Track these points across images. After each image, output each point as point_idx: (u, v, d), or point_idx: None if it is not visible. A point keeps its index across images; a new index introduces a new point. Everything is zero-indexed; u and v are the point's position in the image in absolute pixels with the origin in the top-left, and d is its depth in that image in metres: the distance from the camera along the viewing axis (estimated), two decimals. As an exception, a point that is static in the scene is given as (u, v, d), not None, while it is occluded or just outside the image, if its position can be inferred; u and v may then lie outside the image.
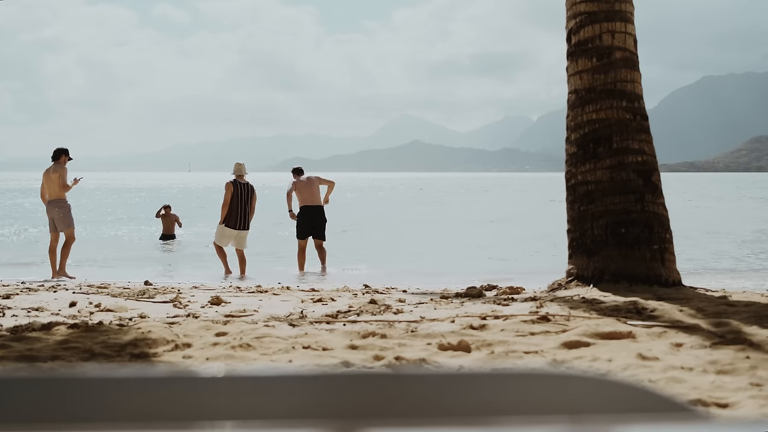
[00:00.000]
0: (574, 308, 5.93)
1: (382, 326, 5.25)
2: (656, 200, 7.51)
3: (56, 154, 11.48)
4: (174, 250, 16.95)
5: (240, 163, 12.02)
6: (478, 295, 7.46)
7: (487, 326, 5.19)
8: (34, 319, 6.00)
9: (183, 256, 15.70)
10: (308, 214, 12.24)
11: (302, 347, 4.54)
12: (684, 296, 6.61)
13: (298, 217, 12.30)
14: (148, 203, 37.29)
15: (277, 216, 20.76)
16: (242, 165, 11.96)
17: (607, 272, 7.27)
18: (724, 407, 3.25)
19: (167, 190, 66.09)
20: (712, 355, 4.18)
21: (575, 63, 7.81)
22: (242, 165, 11.96)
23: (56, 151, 11.51)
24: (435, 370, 0.71)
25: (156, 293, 8.10)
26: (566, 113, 7.95)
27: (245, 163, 12.19)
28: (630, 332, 4.83)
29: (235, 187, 11.71)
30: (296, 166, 12.76)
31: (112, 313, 6.50)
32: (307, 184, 12.35)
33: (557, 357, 4.30)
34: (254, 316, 6.08)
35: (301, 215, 12.28)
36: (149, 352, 4.49)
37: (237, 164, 11.98)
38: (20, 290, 8.39)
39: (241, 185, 11.76)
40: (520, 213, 30.66)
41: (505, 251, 15.60)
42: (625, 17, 7.73)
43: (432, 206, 41.18)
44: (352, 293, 7.95)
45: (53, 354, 4.40)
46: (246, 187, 11.77)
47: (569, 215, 7.79)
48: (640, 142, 7.59)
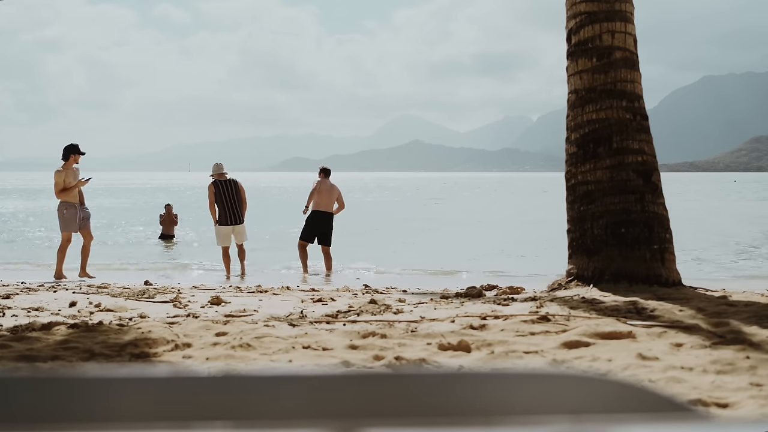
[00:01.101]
0: (574, 308, 5.93)
1: (382, 326, 5.25)
2: (656, 200, 7.51)
3: (64, 154, 11.07)
4: (173, 250, 16.94)
5: (217, 163, 12.08)
6: (478, 295, 7.46)
7: (487, 326, 5.19)
8: (34, 319, 6.00)
9: (182, 256, 15.70)
10: (318, 220, 12.29)
11: (302, 347, 4.54)
12: (684, 296, 6.61)
13: (309, 219, 12.33)
14: (152, 206, 37.20)
15: (283, 217, 20.86)
16: (219, 164, 12.03)
17: (607, 272, 7.27)
18: (724, 407, 3.25)
19: (171, 190, 65.98)
20: (712, 355, 4.18)
21: (575, 63, 7.81)
22: (219, 164, 12.03)
23: (64, 149, 11.09)
24: (435, 370, 0.71)
25: (156, 293, 8.10)
26: (566, 113, 7.95)
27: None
28: (630, 332, 4.83)
29: (217, 187, 11.79)
30: (324, 167, 12.80)
31: (112, 313, 6.50)
32: (328, 192, 12.39)
33: (557, 357, 4.30)
34: (254, 316, 6.09)
35: (312, 218, 12.32)
36: (149, 352, 4.50)
37: (214, 164, 12.06)
38: (20, 290, 8.39)
39: (223, 183, 11.82)
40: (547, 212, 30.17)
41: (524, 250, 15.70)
42: (625, 17, 7.73)
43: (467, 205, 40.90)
44: (352, 293, 7.96)
45: (53, 354, 4.40)
46: (228, 184, 11.82)
47: (569, 215, 7.79)
48: (640, 142, 7.59)
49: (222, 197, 11.73)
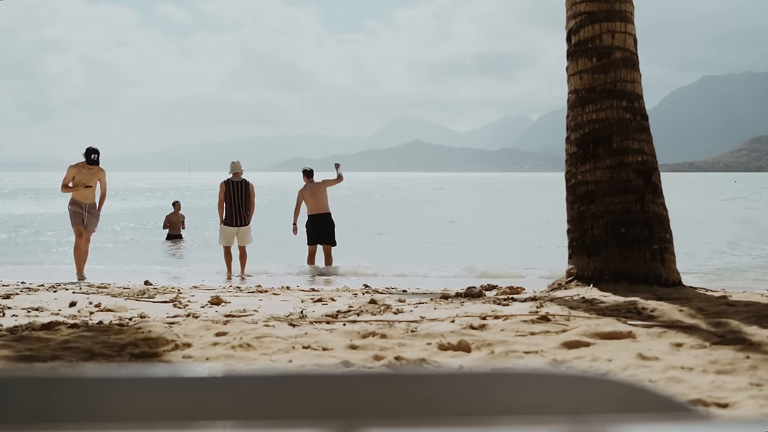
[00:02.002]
0: (574, 308, 5.93)
1: (382, 326, 5.25)
2: (656, 200, 7.52)
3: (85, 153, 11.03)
4: (180, 250, 16.95)
5: (234, 161, 11.95)
6: (478, 295, 7.46)
7: (487, 326, 5.19)
8: (34, 319, 6.00)
9: (188, 256, 15.75)
10: (316, 223, 12.45)
11: (302, 347, 4.54)
12: (684, 296, 6.61)
13: (307, 225, 12.50)
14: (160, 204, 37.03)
15: (285, 219, 20.81)
16: (236, 163, 11.91)
17: (607, 272, 7.27)
18: (724, 407, 3.25)
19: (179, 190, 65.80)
20: (712, 355, 4.18)
21: (575, 63, 7.81)
22: (236, 163, 11.91)
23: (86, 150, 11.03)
24: (435, 370, 0.71)
25: (156, 293, 8.10)
26: (566, 113, 7.95)
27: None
28: (630, 332, 4.83)
29: (228, 186, 11.75)
30: (306, 168, 12.82)
31: (112, 313, 6.50)
32: (314, 193, 12.49)
33: (557, 357, 4.30)
34: (254, 316, 6.08)
35: (309, 223, 12.49)
36: (149, 352, 4.49)
37: (231, 163, 11.96)
38: (20, 290, 8.39)
39: (235, 183, 11.77)
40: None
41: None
42: (625, 17, 7.73)
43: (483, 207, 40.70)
44: (352, 293, 7.96)
45: (53, 354, 4.40)
46: (240, 185, 11.77)
47: (569, 215, 7.79)
48: (640, 142, 7.60)
49: (231, 197, 11.72)
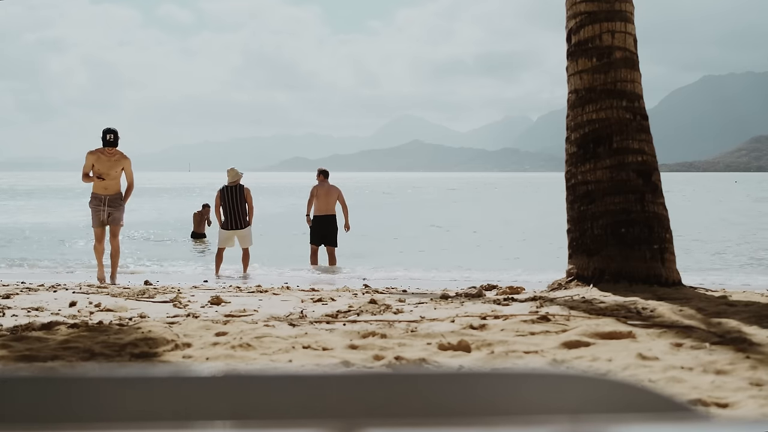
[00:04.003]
0: (574, 308, 5.93)
1: (382, 326, 5.25)
2: (656, 200, 7.52)
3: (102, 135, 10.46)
4: (204, 249, 17.05)
5: (229, 170, 12.36)
6: (478, 295, 7.46)
7: (487, 326, 5.19)
8: (34, 319, 6.00)
9: (212, 254, 15.86)
10: (321, 224, 12.96)
11: (302, 347, 4.54)
12: (684, 296, 6.61)
13: (312, 225, 13.01)
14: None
15: (289, 220, 20.84)
16: (234, 171, 12.29)
17: (607, 272, 7.27)
18: (724, 407, 3.25)
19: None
20: (712, 355, 4.18)
21: (575, 63, 7.81)
22: (234, 171, 12.29)
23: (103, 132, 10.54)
24: (435, 370, 0.71)
25: (156, 293, 8.10)
26: (566, 113, 7.95)
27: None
28: (630, 332, 4.82)
29: (223, 193, 12.13)
30: (322, 168, 13.35)
31: (112, 312, 6.50)
32: (326, 195, 13.01)
33: (557, 357, 4.30)
34: (254, 316, 6.08)
35: (314, 223, 12.99)
36: (149, 352, 4.49)
37: (228, 171, 12.38)
38: (20, 290, 8.39)
39: (229, 188, 12.13)
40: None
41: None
42: (625, 17, 7.73)
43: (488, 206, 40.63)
44: (352, 293, 7.95)
45: (53, 354, 4.40)
46: (234, 189, 12.12)
47: (569, 215, 7.79)
48: (640, 141, 7.59)
49: (227, 202, 12.11)
